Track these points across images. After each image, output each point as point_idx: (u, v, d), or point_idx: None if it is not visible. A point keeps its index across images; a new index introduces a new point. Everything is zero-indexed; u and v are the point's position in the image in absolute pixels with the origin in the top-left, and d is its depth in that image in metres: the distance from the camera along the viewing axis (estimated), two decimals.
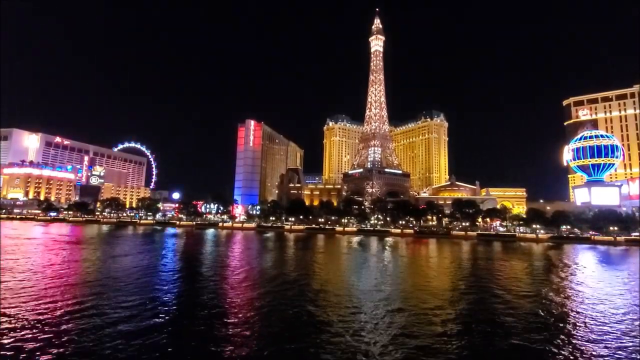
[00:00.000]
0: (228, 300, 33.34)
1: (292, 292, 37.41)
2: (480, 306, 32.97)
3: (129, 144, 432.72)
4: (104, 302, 30.37)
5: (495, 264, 67.66)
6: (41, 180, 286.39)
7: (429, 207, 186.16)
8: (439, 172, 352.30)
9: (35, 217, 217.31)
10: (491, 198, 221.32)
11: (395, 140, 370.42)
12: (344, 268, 59.12)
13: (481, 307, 32.70)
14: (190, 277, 45.45)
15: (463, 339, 23.68)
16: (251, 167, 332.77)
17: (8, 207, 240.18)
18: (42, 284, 37.35)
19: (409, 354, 20.87)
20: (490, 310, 31.37)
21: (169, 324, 25.68)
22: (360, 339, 23.19)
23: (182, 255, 71.47)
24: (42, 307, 28.27)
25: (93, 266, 51.08)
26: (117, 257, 61.21)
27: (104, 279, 41.40)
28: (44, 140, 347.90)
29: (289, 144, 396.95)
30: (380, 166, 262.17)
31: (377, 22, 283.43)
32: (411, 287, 43.56)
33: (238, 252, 79.83)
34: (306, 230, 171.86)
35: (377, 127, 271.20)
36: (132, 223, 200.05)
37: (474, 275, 51.94)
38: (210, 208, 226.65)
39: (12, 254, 59.03)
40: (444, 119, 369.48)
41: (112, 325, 24.40)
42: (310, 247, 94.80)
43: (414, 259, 75.19)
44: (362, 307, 31.47)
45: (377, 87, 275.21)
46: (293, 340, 23.04)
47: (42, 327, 23.63)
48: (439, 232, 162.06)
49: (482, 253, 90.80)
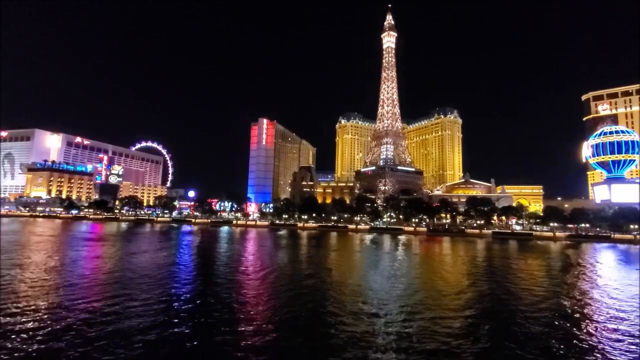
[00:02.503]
0: (243, 297, 34.25)
1: (306, 289, 38.09)
2: (495, 306, 32.51)
3: (146, 144, 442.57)
4: (124, 298, 31.64)
5: (511, 262, 66.92)
6: (63, 179, 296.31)
7: (443, 205, 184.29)
8: (452, 170, 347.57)
9: (58, 215, 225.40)
10: (507, 196, 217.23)
11: (408, 137, 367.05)
12: (357, 266, 59.47)
13: (496, 307, 32.26)
14: (206, 274, 46.62)
15: (477, 340, 23.49)
16: (264, 165, 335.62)
17: (32, 205, 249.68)
18: (65, 280, 39.20)
19: (422, 354, 20.91)
20: (505, 311, 30.91)
21: (185, 319, 26.75)
22: (372, 338, 23.34)
23: (198, 252, 73.22)
24: (65, 302, 29.80)
25: (113, 263, 53.07)
26: (136, 254, 63.27)
27: (123, 275, 42.96)
28: (65, 140, 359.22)
29: (301, 142, 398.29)
30: (393, 164, 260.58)
31: (389, 18, 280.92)
32: (425, 285, 43.53)
33: (252, 249, 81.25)
34: (319, 228, 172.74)
35: (390, 124, 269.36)
36: (149, 220, 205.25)
37: (489, 274, 51.37)
38: (225, 206, 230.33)
39: (36, 251, 61.91)
40: (457, 115, 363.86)
41: (131, 321, 25.63)
42: (323, 245, 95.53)
43: (428, 257, 74.87)
44: (375, 306, 31.56)
45: (389, 84, 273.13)
46: (306, 336, 23.68)
47: (65, 320, 25.11)
48: (453, 230, 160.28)
49: (497, 251, 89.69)
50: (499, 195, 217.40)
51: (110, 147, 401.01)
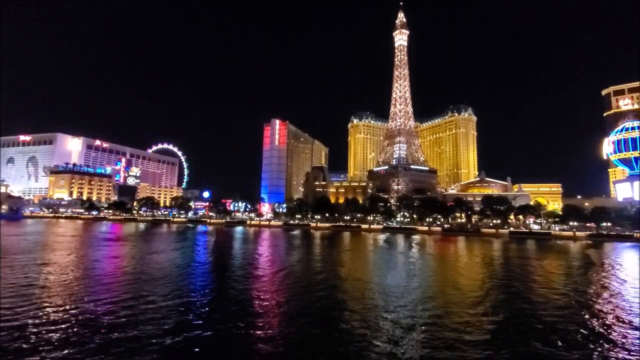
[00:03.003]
0: (258, 297, 34.76)
1: (319, 288, 38.36)
2: (513, 307, 31.81)
3: (162, 146, 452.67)
4: (143, 296, 32.70)
5: (529, 262, 65.55)
6: (83, 181, 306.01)
7: (457, 204, 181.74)
8: (467, 168, 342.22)
9: (79, 215, 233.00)
10: (524, 194, 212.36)
11: (421, 136, 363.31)
12: (370, 266, 59.38)
13: (513, 308, 31.59)
14: (222, 274, 47.46)
15: (493, 343, 22.87)
16: (277, 165, 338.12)
17: (54, 207, 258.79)
18: (87, 278, 40.78)
19: (437, 357, 20.75)
20: (523, 312, 30.16)
21: (201, 317, 27.55)
22: (387, 339, 23.24)
23: (214, 252, 74.62)
24: (87, 300, 31.05)
25: (132, 262, 54.67)
26: (154, 254, 65.00)
27: (142, 274, 44.23)
28: (85, 143, 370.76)
29: (313, 142, 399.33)
30: (406, 163, 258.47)
31: (400, 16, 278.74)
32: (440, 286, 43.17)
33: (266, 249, 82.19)
34: (332, 228, 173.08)
35: (402, 123, 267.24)
36: (166, 221, 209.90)
37: (506, 275, 50.48)
38: (239, 206, 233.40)
39: (60, 251, 64.41)
40: (472, 113, 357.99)
41: (150, 319, 26.58)
42: (336, 244, 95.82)
43: (442, 257, 73.94)
44: (388, 307, 31.41)
45: (401, 82, 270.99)
46: (320, 335, 24.05)
47: (87, 318, 26.28)
48: (468, 230, 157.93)
49: (514, 251, 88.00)
50: (515, 193, 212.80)
51: (128, 149, 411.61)
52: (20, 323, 24.03)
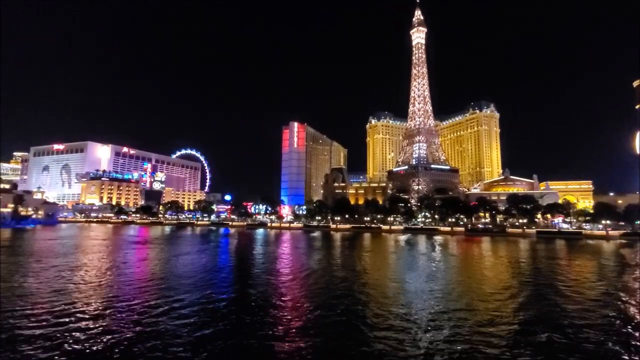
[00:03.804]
0: (280, 298, 35.20)
1: (342, 290, 38.32)
2: (542, 311, 30.48)
3: (185, 151, 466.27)
4: (169, 298, 33.89)
5: (558, 263, 63.14)
6: (112, 186, 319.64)
7: (481, 204, 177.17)
8: (490, 167, 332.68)
9: (109, 220, 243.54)
10: (552, 192, 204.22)
11: (442, 134, 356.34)
12: (392, 267, 58.86)
13: (542, 311, 30.29)
14: (244, 275, 48.63)
15: (520, 349, 22.08)
16: (296, 168, 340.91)
17: (86, 212, 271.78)
18: (117, 280, 42.70)
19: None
20: (552, 317, 28.77)
21: (225, 316, 28.42)
22: (409, 343, 22.95)
23: (236, 253, 76.39)
24: (116, 301, 32.63)
25: (159, 264, 56.86)
26: (180, 256, 67.27)
27: (168, 276, 45.94)
28: (113, 150, 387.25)
29: (332, 144, 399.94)
30: (426, 162, 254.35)
31: (417, 14, 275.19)
32: (464, 288, 41.90)
33: (287, 251, 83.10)
34: (352, 229, 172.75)
35: (422, 122, 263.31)
36: (190, 224, 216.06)
37: (535, 276, 48.79)
38: (259, 209, 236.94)
39: (92, 254, 67.75)
40: (494, 109, 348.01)
41: (176, 321, 27.73)
42: (357, 246, 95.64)
43: (467, 259, 72.27)
44: (411, 310, 30.82)
45: (420, 80, 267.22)
46: (341, 338, 24.25)
47: (118, 319, 27.75)
48: (493, 230, 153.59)
49: (543, 252, 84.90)
50: (542, 192, 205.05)
51: (154, 155, 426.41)
52: (54, 323, 25.68)
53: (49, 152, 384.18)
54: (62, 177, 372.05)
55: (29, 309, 28.85)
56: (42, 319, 26.40)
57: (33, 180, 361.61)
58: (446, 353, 21.39)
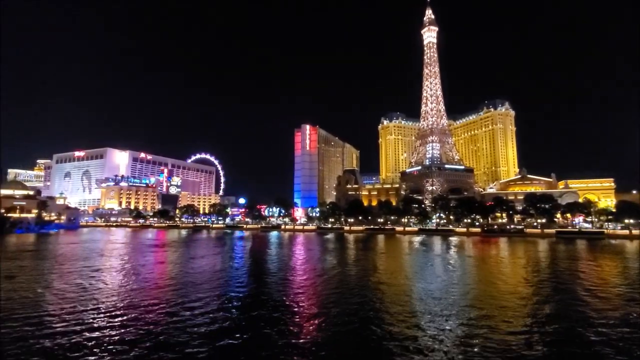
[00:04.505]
0: (295, 303, 34.90)
1: (357, 294, 37.85)
2: (564, 315, 29.34)
3: (200, 155, 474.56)
4: (186, 299, 34.67)
5: (579, 264, 61.36)
6: (131, 191, 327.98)
7: (497, 204, 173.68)
8: (506, 166, 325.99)
9: (128, 224, 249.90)
10: (571, 191, 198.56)
11: (455, 134, 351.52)
12: (407, 270, 58.12)
13: (565, 316, 29.14)
14: (259, 277, 49.02)
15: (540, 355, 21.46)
16: (309, 170, 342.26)
17: (106, 216, 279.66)
18: (136, 283, 43.95)
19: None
20: (576, 322, 27.58)
21: (241, 319, 28.93)
22: (426, 349, 22.48)
23: (251, 256, 77.11)
24: (136, 302, 33.65)
25: (176, 267, 58.16)
26: (196, 259, 68.63)
27: (185, 278, 46.92)
28: (131, 156, 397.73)
29: (344, 146, 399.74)
30: (440, 162, 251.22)
31: (428, 13, 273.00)
32: (481, 291, 40.76)
33: (301, 253, 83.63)
34: (366, 231, 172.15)
35: (435, 122, 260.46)
36: (206, 227, 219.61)
37: (555, 278, 47.36)
38: (273, 211, 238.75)
39: (112, 257, 69.88)
40: (509, 107, 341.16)
41: (193, 320, 28.42)
42: (371, 247, 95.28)
43: (483, 260, 70.74)
44: (428, 313, 30.18)
45: (432, 80, 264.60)
46: (356, 341, 24.27)
47: (137, 319, 28.66)
48: (511, 231, 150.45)
49: (563, 252, 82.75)
50: (561, 190, 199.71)
51: (170, 160, 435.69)
52: (75, 323, 26.75)
53: (70, 158, 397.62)
54: (83, 183, 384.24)
55: (53, 310, 30.10)
56: (65, 319, 27.50)
57: (55, 187, 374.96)
58: (465, 355, 21.16)
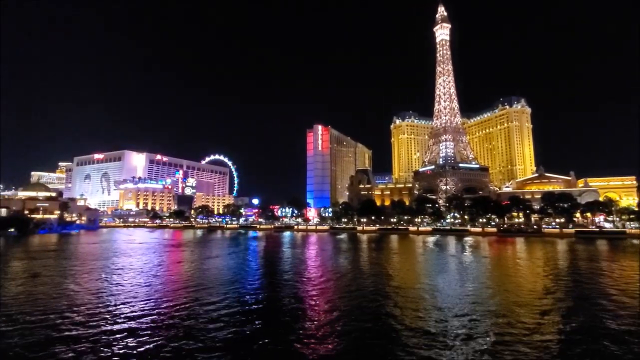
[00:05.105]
0: (309, 304, 34.68)
1: (371, 295, 37.44)
2: (586, 318, 28.09)
3: (214, 157, 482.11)
4: (201, 298, 35.32)
5: (601, 265, 59.60)
6: (148, 192, 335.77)
7: (514, 203, 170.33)
8: (523, 164, 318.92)
9: (145, 224, 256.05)
10: (591, 189, 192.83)
11: (470, 132, 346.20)
12: (423, 270, 57.39)
13: (586, 319, 27.89)
14: (272, 277, 49.51)
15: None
16: (321, 170, 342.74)
17: (124, 217, 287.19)
18: (153, 281, 45.15)
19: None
20: (599, 326, 26.30)
21: (255, 318, 29.32)
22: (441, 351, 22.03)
23: (265, 256, 78.07)
24: (154, 302, 34.62)
25: (192, 266, 59.45)
26: (211, 259, 70.00)
27: (201, 278, 47.89)
28: (148, 158, 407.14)
29: (356, 146, 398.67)
30: (454, 161, 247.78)
31: (441, 10, 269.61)
32: (498, 293, 39.07)
33: (314, 253, 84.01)
34: (379, 231, 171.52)
35: (448, 120, 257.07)
36: (220, 227, 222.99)
37: (575, 280, 45.77)
38: (286, 212, 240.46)
39: (130, 257, 71.89)
40: (525, 104, 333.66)
41: (210, 319, 29.16)
42: (384, 248, 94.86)
43: (501, 261, 69.37)
44: (443, 315, 29.44)
45: (445, 78, 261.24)
46: (370, 343, 24.22)
47: (154, 317, 29.65)
48: (528, 230, 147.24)
49: (583, 253, 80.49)
50: (581, 189, 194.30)
51: (185, 162, 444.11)
52: (96, 321, 27.85)
53: (90, 161, 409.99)
54: (102, 185, 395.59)
55: (74, 308, 31.31)
56: (84, 316, 28.68)
57: (76, 188, 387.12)
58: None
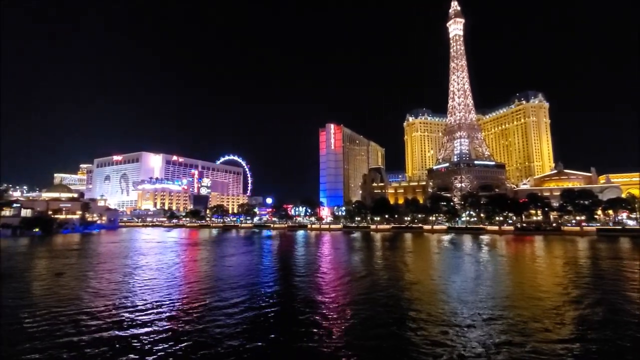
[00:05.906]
0: (324, 303, 34.27)
1: (386, 293, 37.26)
2: (608, 321, 26.84)
3: (228, 157, 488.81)
4: (219, 296, 36.16)
5: (624, 264, 57.76)
6: (165, 193, 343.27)
7: (532, 200, 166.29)
8: (541, 160, 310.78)
9: (162, 223, 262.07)
10: (613, 186, 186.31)
11: (485, 129, 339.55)
12: (438, 270, 56.42)
13: (609, 323, 26.60)
14: (286, 275, 49.99)
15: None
16: (334, 169, 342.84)
17: (143, 217, 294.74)
18: (170, 279, 46.26)
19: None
20: (622, 328, 25.25)
21: (270, 315, 29.83)
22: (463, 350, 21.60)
23: (279, 254, 78.80)
24: (170, 299, 35.63)
25: (208, 265, 60.68)
26: (226, 257, 71.28)
27: (216, 276, 48.82)
28: (164, 159, 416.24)
29: (369, 144, 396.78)
30: (469, 158, 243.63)
31: (454, 4, 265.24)
32: (517, 293, 38.01)
33: (328, 252, 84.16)
34: (393, 229, 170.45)
35: (462, 117, 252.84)
36: (235, 226, 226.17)
37: (598, 280, 44.21)
38: (299, 211, 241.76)
39: (149, 255, 73.90)
40: (543, 99, 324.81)
41: (227, 316, 29.82)
42: (398, 247, 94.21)
43: (518, 260, 67.57)
44: (459, 317, 28.62)
45: (459, 74, 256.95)
46: (383, 342, 24.29)
47: (171, 315, 30.53)
48: (547, 228, 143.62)
49: (605, 251, 78.08)
50: (602, 186, 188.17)
51: (200, 162, 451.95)
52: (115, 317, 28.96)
53: (109, 163, 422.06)
54: (121, 186, 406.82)
55: (96, 307, 32.47)
56: (105, 314, 29.87)
57: (97, 189, 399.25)
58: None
